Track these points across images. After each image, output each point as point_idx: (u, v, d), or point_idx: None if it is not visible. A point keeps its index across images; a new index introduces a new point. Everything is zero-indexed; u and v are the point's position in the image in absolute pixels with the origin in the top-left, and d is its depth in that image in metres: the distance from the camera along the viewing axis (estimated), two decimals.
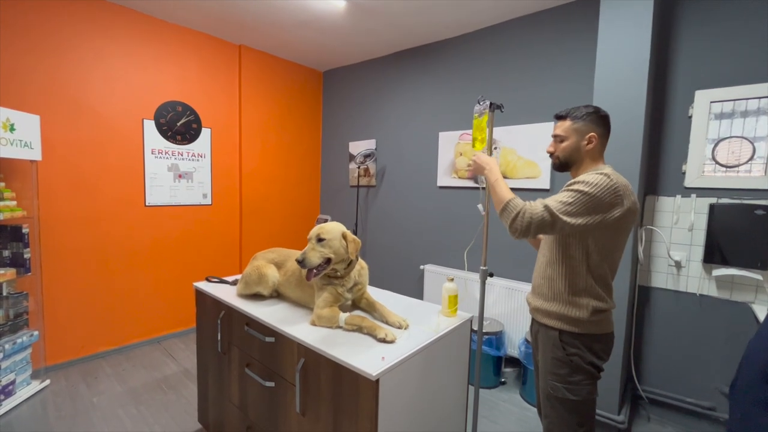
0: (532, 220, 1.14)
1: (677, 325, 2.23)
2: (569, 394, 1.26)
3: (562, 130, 1.33)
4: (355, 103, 3.95)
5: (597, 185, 1.15)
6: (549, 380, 1.31)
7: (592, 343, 1.25)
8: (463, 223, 3.11)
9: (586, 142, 1.29)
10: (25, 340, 2.31)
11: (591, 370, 1.26)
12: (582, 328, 1.24)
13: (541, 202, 1.17)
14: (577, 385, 1.26)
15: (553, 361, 1.30)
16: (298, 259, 1.34)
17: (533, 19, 2.70)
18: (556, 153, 1.35)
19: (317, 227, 1.40)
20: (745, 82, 1.99)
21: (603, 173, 1.18)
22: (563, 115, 1.34)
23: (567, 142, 1.31)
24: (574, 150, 1.31)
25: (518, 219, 1.16)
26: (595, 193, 1.14)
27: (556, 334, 1.28)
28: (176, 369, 2.73)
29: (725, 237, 2.03)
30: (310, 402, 1.28)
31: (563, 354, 1.26)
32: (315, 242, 1.37)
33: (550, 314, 1.30)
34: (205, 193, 3.38)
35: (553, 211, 1.14)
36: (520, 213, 1.17)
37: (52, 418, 2.13)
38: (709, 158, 2.12)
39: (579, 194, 1.15)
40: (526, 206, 1.17)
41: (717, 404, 2.11)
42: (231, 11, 2.84)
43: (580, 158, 1.31)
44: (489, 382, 2.57)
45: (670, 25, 2.19)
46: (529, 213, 1.15)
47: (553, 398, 1.30)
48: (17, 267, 2.30)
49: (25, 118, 2.25)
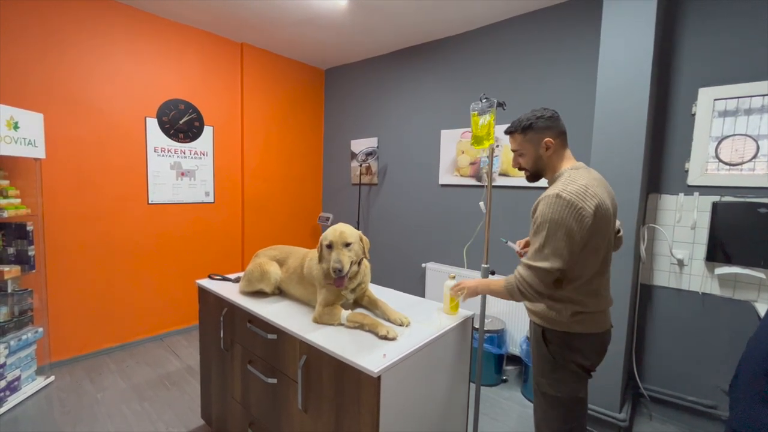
0: (532, 285, 1.16)
1: (679, 324, 2.23)
2: (550, 390, 1.28)
3: (516, 145, 1.34)
4: (357, 101, 3.94)
5: (553, 216, 1.13)
6: (534, 375, 1.35)
7: (573, 341, 1.25)
8: (465, 221, 3.11)
9: (543, 149, 1.28)
10: (29, 336, 2.33)
11: (575, 369, 1.26)
12: (563, 327, 1.25)
13: (523, 261, 1.21)
14: (560, 381, 1.27)
15: (537, 357, 1.34)
16: (337, 267, 1.29)
17: (536, 16, 2.69)
18: (522, 166, 1.36)
19: (338, 232, 1.36)
20: (749, 80, 1.98)
21: (555, 194, 1.15)
22: (512, 130, 1.34)
23: (526, 156, 1.32)
24: (537, 159, 1.31)
25: (524, 293, 1.18)
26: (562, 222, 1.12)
27: (540, 330, 1.31)
28: (179, 366, 2.75)
29: (728, 235, 2.02)
30: (312, 398, 1.28)
31: (546, 350, 1.29)
32: (343, 247, 1.34)
33: (536, 313, 1.33)
34: (207, 191, 3.39)
35: (533, 265, 1.16)
36: (520, 288, 1.19)
37: (57, 413, 2.15)
38: (712, 156, 2.11)
39: (549, 235, 1.14)
40: (517, 279, 1.20)
41: (718, 403, 2.11)
42: (233, 9, 2.84)
43: (545, 165, 1.31)
44: (490, 380, 2.58)
45: (674, 21, 2.18)
46: (525, 283, 1.18)
47: (538, 393, 1.34)
48: (22, 264, 2.32)
49: (29, 117, 2.27)
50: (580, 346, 1.25)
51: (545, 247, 1.15)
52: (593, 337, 1.26)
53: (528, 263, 1.17)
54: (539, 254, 1.16)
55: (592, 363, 1.28)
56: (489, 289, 1.33)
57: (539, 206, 1.19)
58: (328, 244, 1.37)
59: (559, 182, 1.22)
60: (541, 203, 1.19)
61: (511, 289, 1.21)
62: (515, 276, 1.21)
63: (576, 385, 1.28)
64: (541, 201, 1.20)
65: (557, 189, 1.17)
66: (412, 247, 3.51)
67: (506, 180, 2.86)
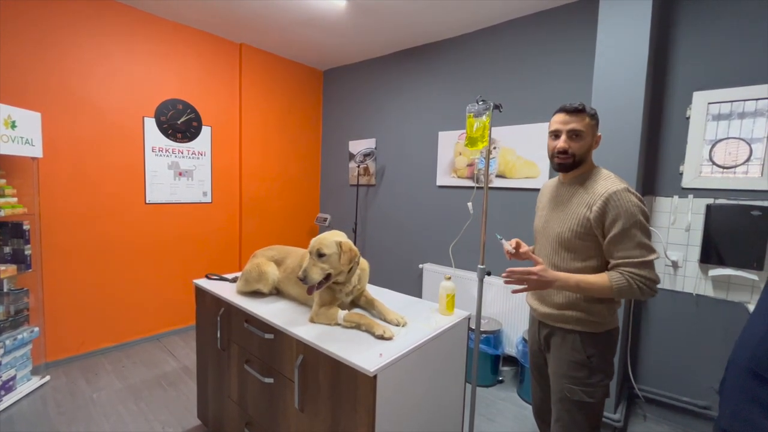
0: (654, 280, 1.14)
1: (673, 325, 2.25)
2: (586, 397, 1.24)
3: (582, 125, 1.22)
4: (355, 102, 3.96)
5: (637, 208, 1.14)
6: (565, 383, 1.27)
7: (611, 338, 1.27)
8: (463, 222, 3.12)
9: (595, 141, 1.28)
10: (25, 336, 2.32)
11: (609, 369, 1.26)
12: (605, 326, 1.24)
13: (631, 261, 1.14)
14: (595, 386, 1.25)
15: (570, 364, 1.26)
16: (300, 276, 1.33)
17: (533, 19, 2.71)
18: (572, 151, 1.24)
19: (318, 240, 1.38)
20: (743, 84, 2.00)
21: (624, 188, 1.16)
22: (581, 109, 1.23)
23: (585, 139, 1.24)
24: (588, 150, 1.26)
25: (645, 292, 1.14)
26: (644, 214, 1.16)
27: (575, 336, 1.25)
28: (176, 366, 2.74)
29: (722, 237, 2.04)
30: (308, 398, 1.29)
31: (583, 356, 1.24)
32: (316, 257, 1.34)
33: (566, 319, 1.27)
34: (205, 191, 3.39)
35: (648, 260, 1.14)
36: (642, 287, 1.13)
37: (53, 413, 2.15)
38: (706, 159, 2.13)
39: (641, 230, 1.14)
40: (634, 279, 1.13)
41: (712, 403, 2.13)
42: (232, 10, 2.85)
43: (587, 158, 1.28)
44: (486, 381, 2.59)
45: (669, 26, 2.20)
46: (647, 281, 1.13)
47: (568, 401, 1.27)
48: (18, 263, 2.31)
49: (27, 115, 2.26)
50: (613, 342, 1.27)
51: (646, 239, 1.14)
52: (618, 330, 1.30)
53: (643, 260, 1.13)
54: (646, 248, 1.14)
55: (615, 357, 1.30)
56: (579, 287, 1.18)
57: (613, 203, 1.15)
58: (310, 251, 1.38)
59: (609, 179, 1.22)
60: (616, 201, 1.15)
61: (626, 289, 1.13)
62: (630, 277, 1.13)
63: (607, 388, 1.27)
64: (611, 198, 1.15)
65: (619, 184, 1.18)
66: (409, 247, 3.52)
67: (503, 181, 2.88)
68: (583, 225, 1.21)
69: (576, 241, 1.23)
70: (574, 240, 1.23)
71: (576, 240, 1.23)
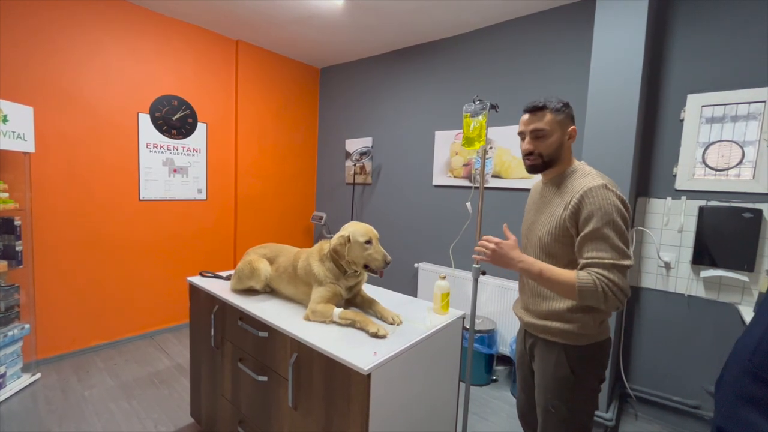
0: (623, 289, 1.02)
1: (665, 325, 2.27)
2: (569, 414, 1.16)
3: (545, 123, 1.16)
4: (352, 101, 3.95)
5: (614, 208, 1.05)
6: (549, 398, 1.19)
7: (598, 351, 1.16)
8: (458, 222, 3.13)
9: (568, 136, 1.18)
10: (16, 333, 2.29)
11: (595, 384, 1.18)
12: (591, 339, 1.14)
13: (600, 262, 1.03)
14: (582, 401, 1.17)
15: (554, 379, 1.18)
16: (389, 261, 1.41)
17: (530, 20, 2.72)
18: (538, 151, 1.18)
19: (370, 229, 1.46)
20: (737, 87, 2.02)
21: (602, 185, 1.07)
22: (541, 107, 1.17)
23: (552, 137, 1.16)
24: (559, 147, 1.17)
25: (611, 299, 1.02)
26: (621, 215, 1.06)
27: (559, 349, 1.16)
28: (169, 364, 2.73)
29: (714, 239, 2.06)
30: (302, 396, 1.29)
31: (567, 371, 1.14)
32: (377, 242, 1.44)
33: (549, 330, 1.18)
34: (200, 188, 3.37)
35: (621, 264, 1.03)
36: (608, 293, 1.01)
37: (43, 411, 2.12)
38: (699, 161, 2.15)
39: (616, 232, 1.04)
40: (601, 281, 1.02)
41: (702, 403, 2.15)
42: (228, 6, 2.83)
43: (561, 155, 1.19)
44: (480, 380, 2.60)
45: (664, 29, 2.22)
46: (615, 287, 1.01)
47: (550, 418, 1.20)
48: (9, 259, 2.28)
49: (19, 110, 2.23)
50: (602, 355, 1.18)
51: (621, 243, 1.03)
52: (609, 342, 1.20)
53: (614, 263, 1.02)
54: (620, 252, 1.03)
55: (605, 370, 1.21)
56: (541, 275, 1.10)
57: (588, 199, 1.06)
58: (367, 240, 1.41)
59: (588, 175, 1.13)
60: (591, 198, 1.06)
61: (590, 291, 1.02)
62: (598, 278, 1.02)
63: (595, 400, 1.20)
64: (587, 195, 1.07)
65: (598, 180, 1.09)
66: (405, 247, 3.52)
67: (499, 182, 2.89)
68: (560, 227, 1.13)
69: (555, 245, 1.15)
70: (554, 244, 1.15)
71: (555, 244, 1.15)
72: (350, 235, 1.42)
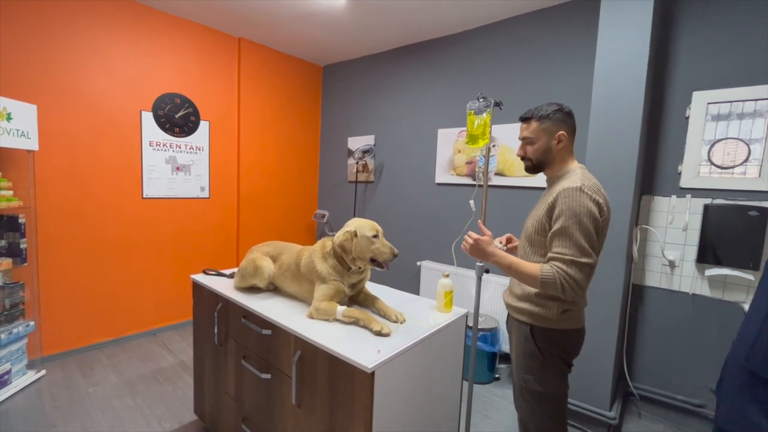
0: (579, 283, 1.12)
1: (670, 324, 2.26)
2: (539, 386, 1.29)
3: (530, 132, 1.31)
4: (355, 99, 3.94)
5: (584, 209, 1.14)
6: (521, 373, 1.34)
7: (562, 338, 1.28)
8: (461, 220, 3.12)
9: (555, 141, 1.28)
10: (21, 330, 2.31)
11: (560, 364, 1.30)
12: (551, 324, 1.26)
13: (562, 257, 1.14)
14: (548, 377, 1.29)
15: (523, 354, 1.33)
16: (397, 253, 1.43)
17: (534, 17, 2.70)
18: (527, 156, 1.35)
19: (374, 224, 1.46)
20: (742, 84, 2.00)
21: (577, 188, 1.16)
22: (528, 117, 1.33)
23: (537, 144, 1.30)
24: (545, 151, 1.30)
25: (567, 291, 1.13)
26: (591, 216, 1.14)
27: (527, 328, 1.30)
28: (172, 361, 2.74)
29: (719, 237, 2.05)
30: (305, 394, 1.29)
31: (533, 346, 1.29)
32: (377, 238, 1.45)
33: (521, 311, 1.32)
34: (202, 186, 3.38)
35: (580, 262, 1.12)
36: (565, 285, 1.12)
37: (48, 407, 2.14)
38: (704, 159, 2.14)
39: (582, 231, 1.14)
40: (560, 274, 1.13)
41: (706, 402, 2.14)
42: (231, 4, 2.82)
43: (551, 158, 1.31)
44: (483, 378, 2.60)
45: (670, 26, 2.20)
46: (572, 281, 1.12)
47: (525, 390, 1.34)
48: (13, 257, 2.30)
49: (22, 108, 2.24)
50: (566, 341, 1.29)
51: (585, 242, 1.13)
52: (577, 333, 1.31)
53: (574, 259, 1.12)
54: (581, 249, 1.13)
55: (573, 357, 1.33)
56: (510, 267, 1.25)
57: (561, 199, 1.17)
58: (374, 235, 1.43)
59: (572, 177, 1.22)
60: (564, 198, 1.17)
61: (551, 283, 1.13)
62: (557, 271, 1.13)
63: (562, 379, 1.32)
64: (561, 194, 1.18)
65: (576, 183, 1.18)
66: (408, 245, 3.52)
67: (502, 180, 2.87)
68: (540, 221, 1.27)
69: (536, 236, 1.29)
70: (535, 235, 1.29)
71: (536, 235, 1.29)
72: (357, 230, 1.43)
